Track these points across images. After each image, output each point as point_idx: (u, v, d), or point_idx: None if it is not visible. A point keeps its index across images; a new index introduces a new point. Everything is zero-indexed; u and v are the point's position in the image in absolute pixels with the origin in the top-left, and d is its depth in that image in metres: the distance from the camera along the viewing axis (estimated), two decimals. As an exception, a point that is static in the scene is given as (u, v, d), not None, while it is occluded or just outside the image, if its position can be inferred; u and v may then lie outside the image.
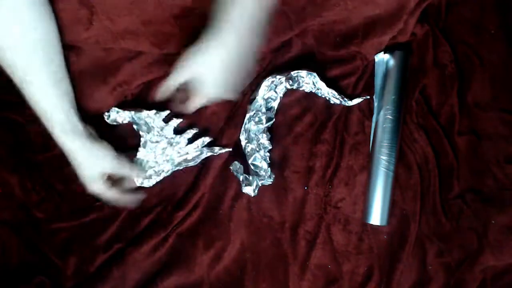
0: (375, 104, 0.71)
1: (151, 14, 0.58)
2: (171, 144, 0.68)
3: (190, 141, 0.68)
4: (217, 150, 0.68)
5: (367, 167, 0.70)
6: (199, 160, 0.68)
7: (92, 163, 0.59)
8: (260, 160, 0.68)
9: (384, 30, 0.69)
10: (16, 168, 0.68)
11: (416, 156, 0.71)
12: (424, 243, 0.68)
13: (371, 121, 0.72)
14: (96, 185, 0.61)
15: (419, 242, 0.68)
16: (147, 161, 0.67)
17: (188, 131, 0.68)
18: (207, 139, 0.68)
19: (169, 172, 0.68)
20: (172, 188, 0.69)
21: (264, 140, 0.69)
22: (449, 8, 0.77)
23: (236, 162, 0.68)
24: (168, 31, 0.63)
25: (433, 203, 0.69)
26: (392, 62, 0.71)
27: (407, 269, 0.67)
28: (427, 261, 0.68)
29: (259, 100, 0.69)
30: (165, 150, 0.68)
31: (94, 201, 0.67)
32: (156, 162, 0.67)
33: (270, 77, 0.68)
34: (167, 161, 0.68)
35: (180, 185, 0.70)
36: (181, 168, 0.68)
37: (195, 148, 0.68)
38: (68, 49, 0.60)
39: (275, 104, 0.71)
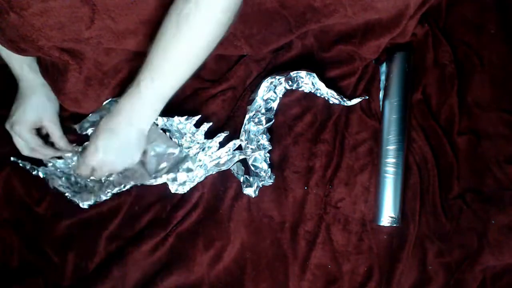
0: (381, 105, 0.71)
1: (151, 13, 0.58)
2: (203, 149, 0.67)
3: (221, 144, 0.67)
4: (249, 152, 0.67)
5: (375, 169, 0.70)
6: (231, 164, 0.67)
7: (36, 106, 0.64)
8: (260, 161, 0.68)
9: (383, 33, 0.69)
10: (18, 167, 0.68)
11: (415, 156, 0.71)
12: (424, 243, 0.68)
13: (371, 120, 0.72)
14: (20, 127, 0.63)
15: (419, 242, 0.68)
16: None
17: (219, 134, 0.66)
18: (237, 142, 0.67)
19: (203, 178, 0.67)
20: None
21: (264, 141, 0.69)
22: (449, 8, 0.77)
23: (237, 163, 0.68)
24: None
25: (433, 203, 0.69)
26: (396, 63, 0.71)
27: (407, 269, 0.67)
28: (427, 261, 0.67)
29: (259, 100, 0.69)
30: (197, 156, 0.67)
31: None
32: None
33: (269, 77, 0.69)
34: (200, 166, 0.67)
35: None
36: (214, 173, 0.67)
37: (227, 152, 0.66)
38: (70, 56, 0.60)
39: (274, 105, 0.71)
